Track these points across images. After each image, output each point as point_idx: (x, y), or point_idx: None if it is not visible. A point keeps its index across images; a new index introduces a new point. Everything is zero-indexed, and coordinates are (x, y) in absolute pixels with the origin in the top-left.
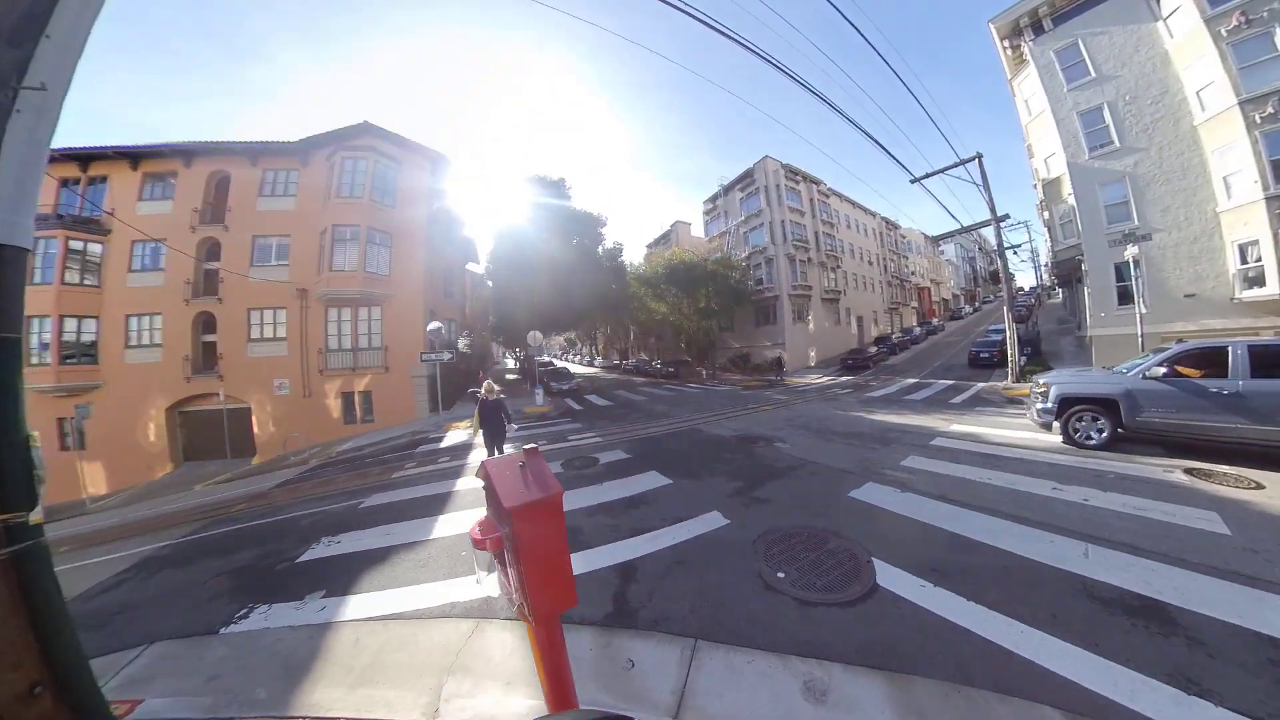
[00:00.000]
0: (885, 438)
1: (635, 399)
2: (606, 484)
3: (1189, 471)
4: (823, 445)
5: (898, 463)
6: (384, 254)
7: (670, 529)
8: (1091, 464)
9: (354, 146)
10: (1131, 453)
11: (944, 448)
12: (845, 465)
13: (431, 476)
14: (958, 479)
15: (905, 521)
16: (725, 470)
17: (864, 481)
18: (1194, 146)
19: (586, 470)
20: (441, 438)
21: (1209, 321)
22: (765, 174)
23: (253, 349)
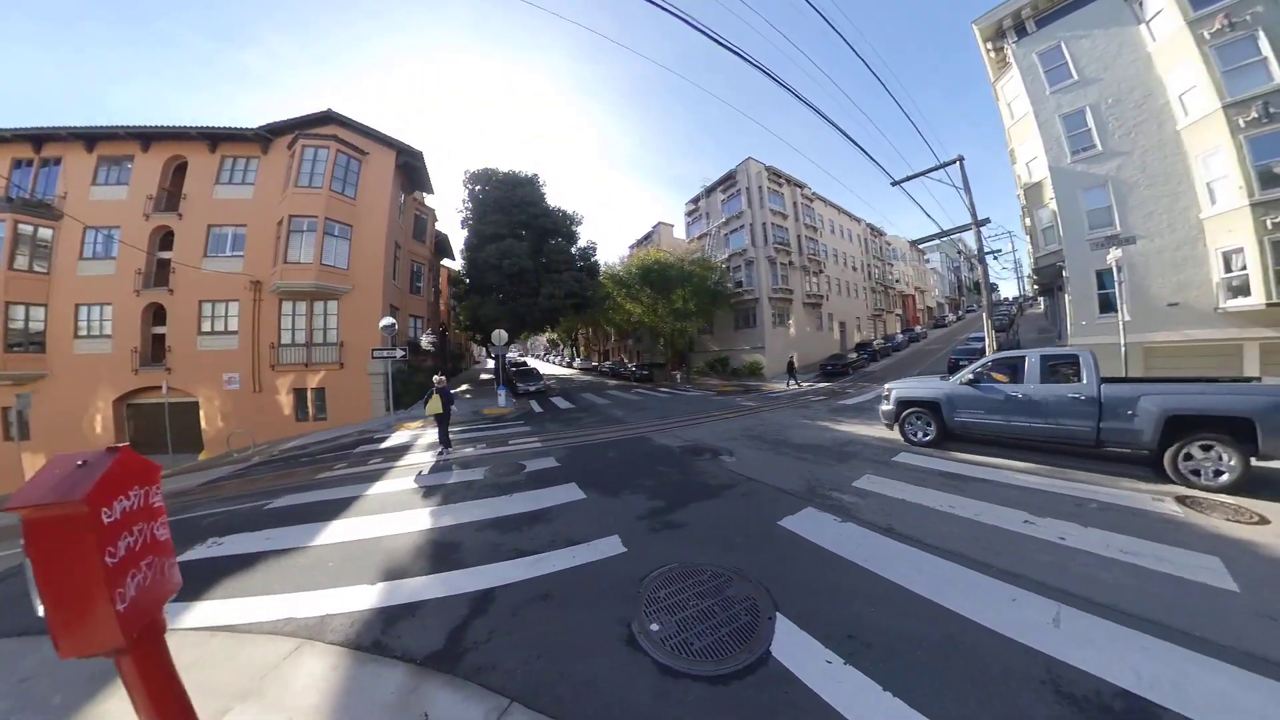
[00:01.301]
0: (844, 452)
1: (599, 402)
2: (517, 495)
3: (1182, 501)
4: (773, 459)
5: (849, 483)
6: (343, 247)
7: (557, 553)
8: (1070, 489)
9: (316, 135)
10: (1115, 474)
11: (906, 465)
12: (789, 484)
13: (352, 479)
14: (913, 506)
15: (835, 563)
16: (651, 487)
17: (803, 506)
18: (1177, 151)
19: (506, 479)
20: (386, 438)
21: (1193, 331)
22: (748, 176)
23: (203, 342)
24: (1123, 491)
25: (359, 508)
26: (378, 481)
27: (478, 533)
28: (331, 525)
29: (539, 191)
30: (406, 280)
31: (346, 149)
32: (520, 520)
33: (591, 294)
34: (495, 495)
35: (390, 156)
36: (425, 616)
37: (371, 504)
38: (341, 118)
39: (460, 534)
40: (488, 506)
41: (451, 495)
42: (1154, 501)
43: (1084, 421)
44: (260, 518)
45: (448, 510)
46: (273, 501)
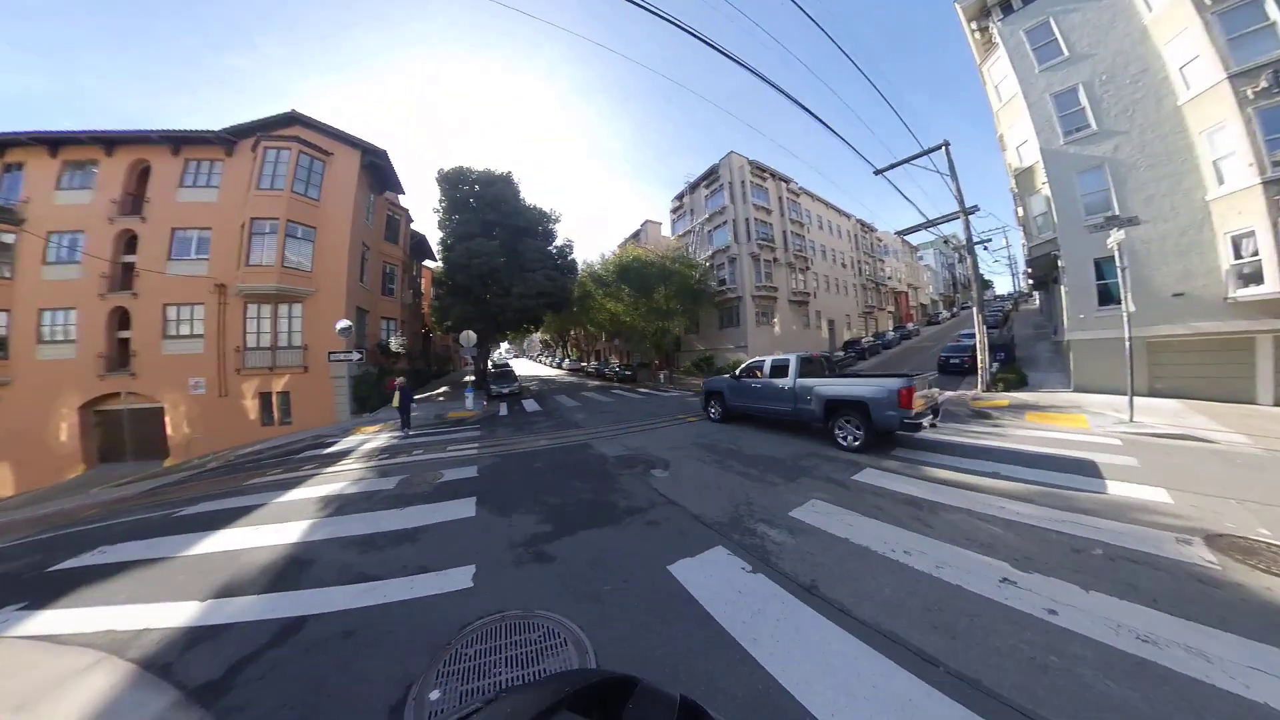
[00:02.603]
0: (798, 467)
1: (567, 405)
2: (409, 509)
3: (1212, 542)
4: (711, 475)
5: (787, 510)
6: (306, 249)
7: (398, 582)
8: (1068, 523)
9: (277, 136)
10: (1132, 509)
11: (866, 487)
12: (711, 511)
13: (274, 485)
14: (856, 550)
15: (715, 640)
16: (553, 506)
17: (714, 544)
18: (1179, 128)
19: (411, 490)
20: (335, 443)
21: (1200, 324)
22: (730, 170)
23: (168, 346)
24: (1132, 528)
25: (254, 517)
26: (294, 489)
27: (340, 551)
28: (215, 535)
29: (513, 189)
30: (378, 282)
31: (309, 150)
32: (390, 539)
33: (566, 293)
34: (387, 509)
35: (355, 157)
36: (227, 640)
37: (268, 513)
38: (305, 118)
39: (322, 551)
40: (369, 521)
41: (347, 506)
42: (1177, 544)
43: (787, 404)
44: (159, 526)
45: (330, 523)
46: (185, 509)
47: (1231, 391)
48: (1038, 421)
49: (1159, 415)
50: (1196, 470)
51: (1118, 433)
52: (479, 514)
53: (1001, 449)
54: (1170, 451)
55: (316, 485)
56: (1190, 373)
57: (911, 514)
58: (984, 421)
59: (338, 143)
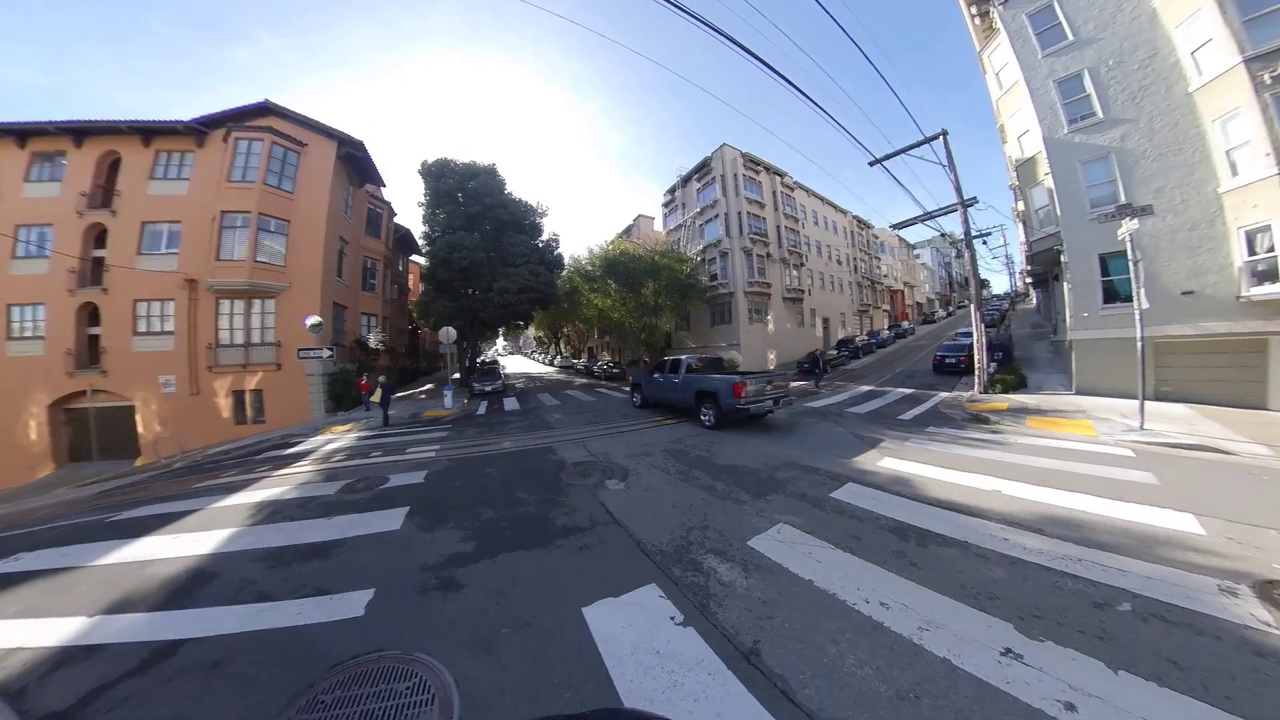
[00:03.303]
0: (772, 481)
1: (548, 404)
2: (338, 519)
3: (1264, 593)
4: (672, 488)
5: (747, 538)
6: (279, 243)
7: (289, 605)
8: (1085, 566)
9: (249, 127)
10: (1159, 543)
11: (845, 508)
12: (659, 535)
13: (221, 489)
14: (821, 598)
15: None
16: (486, 520)
17: (647, 580)
18: (1190, 116)
19: (349, 497)
20: (301, 442)
21: (1209, 324)
22: (723, 163)
23: (139, 343)
24: (1163, 571)
25: (184, 524)
26: (237, 493)
27: (248, 565)
28: (136, 543)
29: (497, 182)
30: (357, 277)
31: (282, 141)
32: (302, 553)
33: (551, 289)
34: (316, 518)
35: (331, 148)
36: (95, 662)
37: (199, 520)
38: (279, 109)
39: (230, 564)
40: (290, 532)
41: (278, 514)
42: (1222, 596)
43: (677, 394)
44: (88, 531)
45: (252, 533)
46: (124, 514)
47: (1241, 396)
48: (1040, 427)
49: (1169, 422)
50: (1223, 490)
51: (1128, 442)
52: (404, 527)
53: (1002, 461)
54: (1189, 465)
55: (260, 489)
56: (1198, 376)
57: (895, 547)
58: (982, 427)
59: (313, 133)
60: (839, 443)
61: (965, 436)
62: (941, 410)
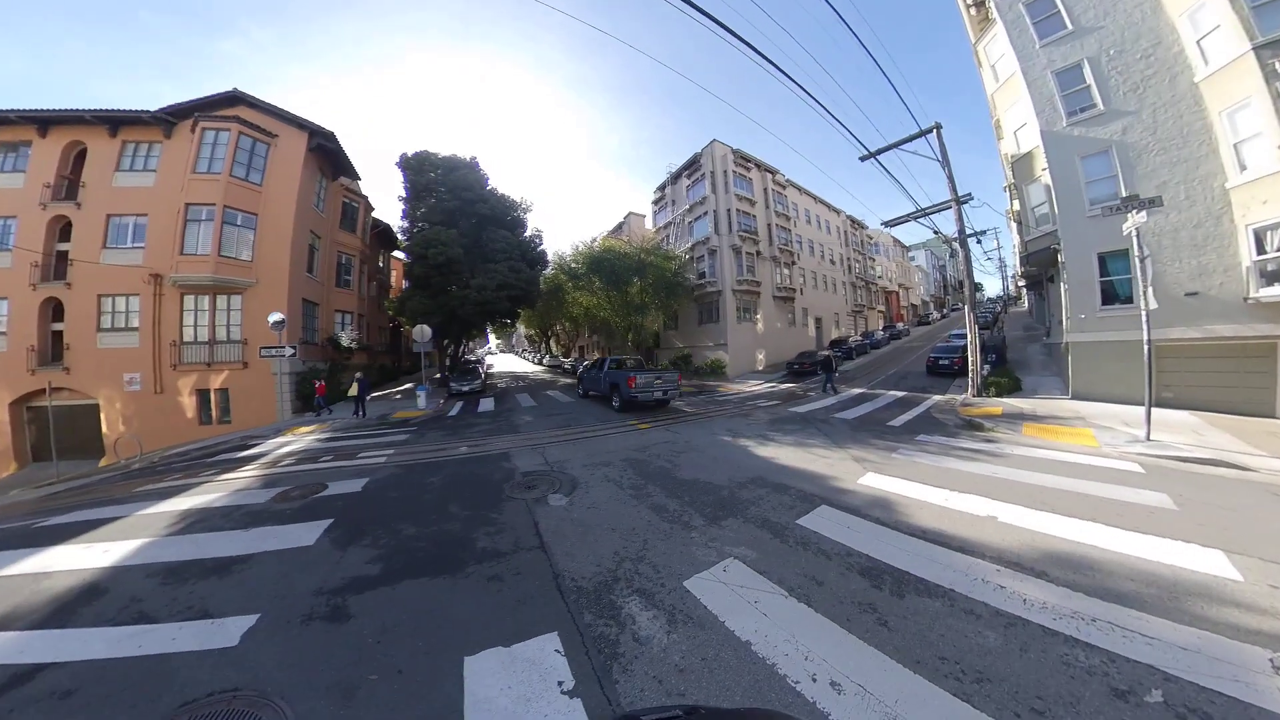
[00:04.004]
0: (734, 501)
1: (523, 405)
2: (255, 531)
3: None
4: (617, 507)
5: (685, 576)
6: (246, 237)
7: (165, 629)
8: (1099, 630)
9: (216, 117)
10: (1187, 592)
11: (810, 539)
12: (583, 565)
13: (157, 494)
14: (754, 669)
15: None
16: (405, 538)
17: (549, 627)
18: (1196, 108)
19: (278, 506)
20: (259, 443)
21: (1215, 327)
22: (712, 159)
23: (103, 339)
24: (1197, 637)
25: (102, 531)
26: (170, 499)
27: (143, 580)
28: (44, 553)
29: (478, 176)
30: (331, 273)
31: (251, 131)
32: (203, 569)
33: (531, 286)
34: (234, 529)
35: (302, 139)
36: None
37: (119, 528)
38: (249, 98)
39: (126, 579)
40: (201, 545)
41: (200, 523)
42: (1277, 676)
43: (602, 386)
44: (5, 538)
45: (162, 544)
46: (51, 519)
47: (1248, 403)
48: (1037, 436)
49: (1175, 431)
50: (1251, 518)
51: (1135, 455)
52: (318, 543)
53: (997, 478)
54: (1206, 484)
55: (195, 495)
56: (1202, 381)
57: (864, 597)
58: (975, 435)
59: (284, 124)
60: (819, 455)
61: (958, 446)
62: (934, 415)
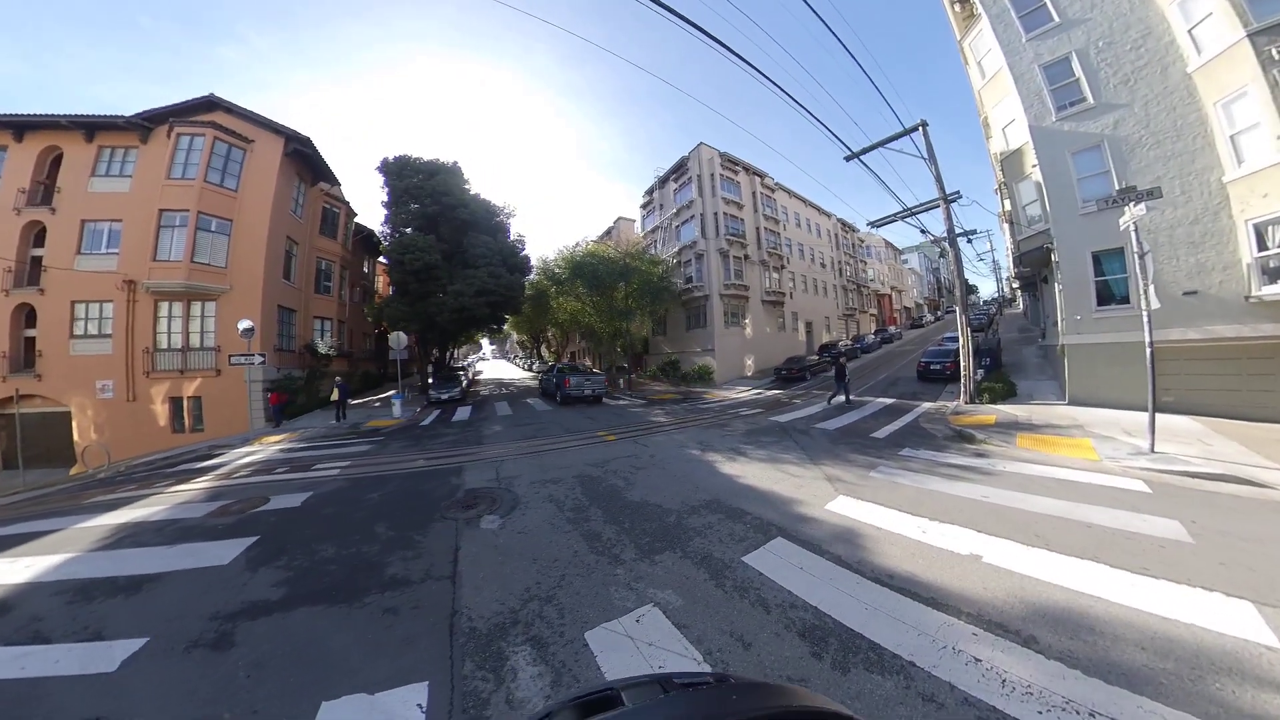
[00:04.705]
0: (679, 530)
1: (497, 414)
2: (178, 548)
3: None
4: (545, 535)
5: (589, 626)
6: (220, 243)
7: (53, 650)
8: (1112, 698)
9: (191, 122)
10: (1218, 669)
11: (753, 584)
12: (487, 602)
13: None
14: None
15: None
16: (320, 559)
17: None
18: (1189, 100)
19: (213, 520)
20: (223, 453)
21: (1216, 327)
22: (699, 162)
23: (76, 346)
24: None
25: (34, 545)
26: (111, 511)
27: (50, 598)
28: None
29: (458, 180)
30: (310, 279)
31: (226, 136)
32: (114, 587)
33: (513, 292)
34: (160, 544)
35: (278, 144)
36: None
37: (51, 541)
38: (226, 103)
39: (36, 596)
40: (122, 560)
41: (129, 538)
42: None
43: (553, 387)
44: None
45: (86, 560)
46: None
47: (1252, 407)
48: (1033, 449)
49: (1179, 440)
50: (1276, 551)
51: (1139, 470)
52: (232, 563)
53: (986, 503)
54: (1221, 507)
55: (137, 508)
56: (1202, 385)
57: (797, 668)
58: (965, 449)
59: (260, 129)
60: (788, 473)
61: (945, 462)
62: (922, 425)
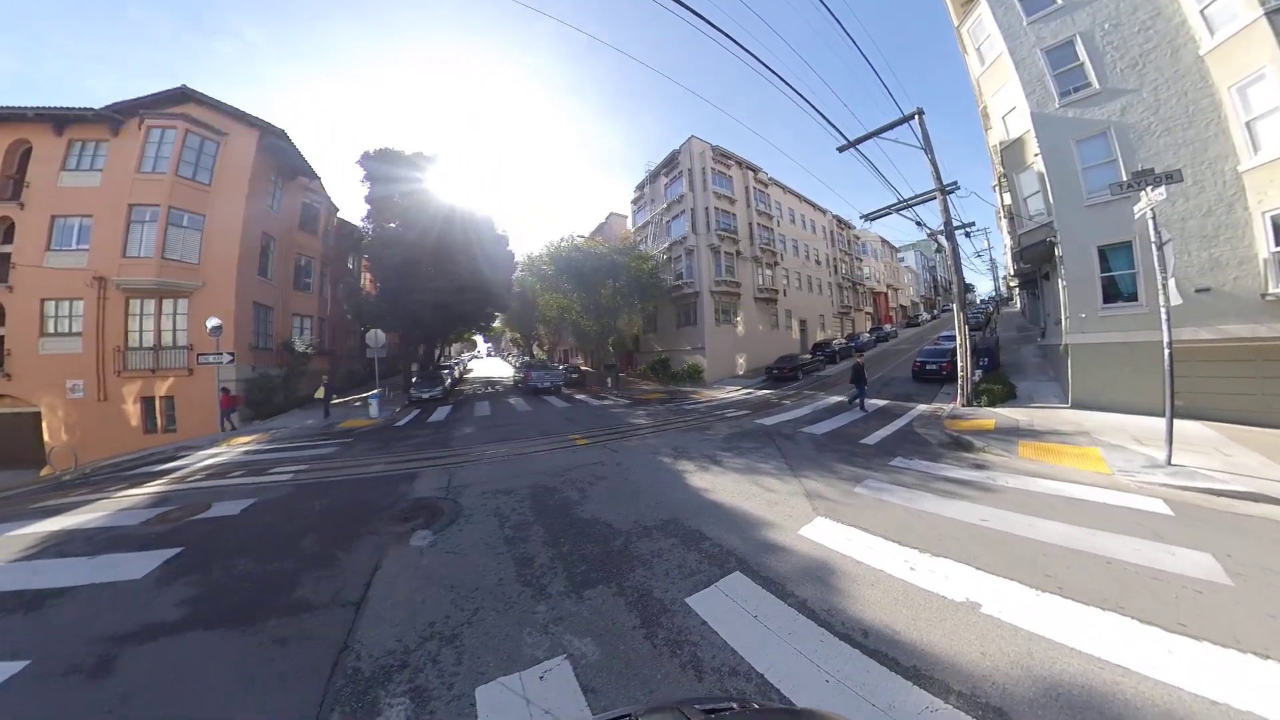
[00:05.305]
0: (624, 557)
1: (474, 415)
2: (100, 558)
3: None
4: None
5: (483, 680)
6: (193, 238)
7: None
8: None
9: (162, 114)
10: None
11: (690, 637)
12: (382, 639)
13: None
14: None
15: None
16: (235, 575)
17: None
18: (1201, 84)
19: (147, 529)
20: (188, 455)
21: (1230, 326)
22: (690, 156)
23: (46, 344)
24: None
25: None
26: (50, 518)
27: None
28: None
29: (441, 173)
30: (288, 276)
31: (199, 129)
32: (22, 602)
33: (494, 288)
34: (83, 555)
35: (253, 137)
36: None
37: None
38: (199, 95)
39: None
40: (38, 572)
41: (55, 548)
42: None
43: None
44: None
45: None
46: None
47: (1268, 413)
48: (1037, 459)
49: (1195, 450)
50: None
51: (1157, 486)
52: (145, 577)
53: (985, 529)
54: (1255, 534)
55: (79, 514)
56: (1215, 388)
57: None
58: (963, 458)
59: (234, 121)
60: (764, 487)
61: (940, 475)
62: (916, 430)
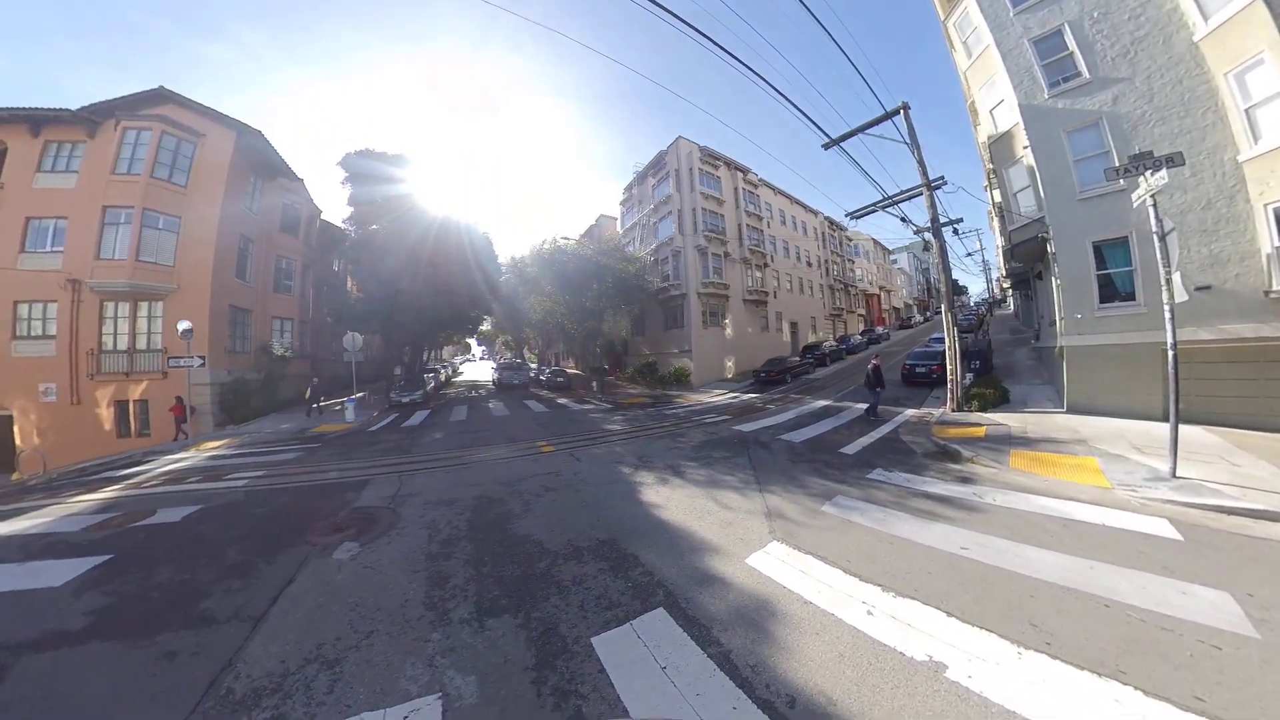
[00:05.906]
0: (543, 581)
1: (450, 419)
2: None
3: None
4: (388, 575)
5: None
6: (169, 240)
7: None
8: None
9: (141, 115)
10: None
11: (586, 683)
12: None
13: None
14: None
15: None
16: (154, 584)
17: None
18: (1197, 70)
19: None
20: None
21: (1232, 326)
22: (678, 157)
23: (18, 347)
24: None
25: None
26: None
27: None
28: None
29: (422, 174)
30: (268, 278)
31: (175, 130)
32: None
33: (476, 292)
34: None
35: (230, 138)
36: None
37: None
38: (176, 96)
39: None
40: None
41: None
42: None
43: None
44: None
45: None
46: None
47: (1272, 416)
48: (1028, 471)
49: (1199, 459)
50: None
51: (1162, 504)
52: (65, 585)
53: (966, 560)
54: (1278, 564)
55: (23, 520)
56: (1216, 391)
57: None
58: (948, 469)
59: (211, 122)
60: (722, 504)
61: (920, 491)
62: (901, 437)
